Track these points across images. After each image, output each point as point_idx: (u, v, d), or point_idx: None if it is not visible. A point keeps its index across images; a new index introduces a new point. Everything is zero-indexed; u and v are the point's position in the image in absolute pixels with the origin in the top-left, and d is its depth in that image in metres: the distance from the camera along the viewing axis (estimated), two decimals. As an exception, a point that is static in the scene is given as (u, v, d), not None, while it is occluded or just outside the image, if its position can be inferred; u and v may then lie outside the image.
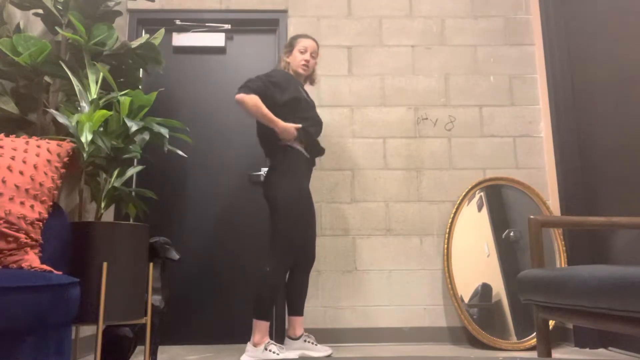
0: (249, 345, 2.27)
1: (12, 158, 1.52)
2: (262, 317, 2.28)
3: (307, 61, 2.56)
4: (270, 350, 2.23)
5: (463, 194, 2.89)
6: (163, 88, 3.14)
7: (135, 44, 2.32)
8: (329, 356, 2.41)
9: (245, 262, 2.94)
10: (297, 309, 2.49)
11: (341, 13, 3.18)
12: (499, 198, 2.89)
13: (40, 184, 1.54)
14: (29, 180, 1.51)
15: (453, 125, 3.07)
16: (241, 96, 2.35)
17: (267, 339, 2.27)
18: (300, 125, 2.40)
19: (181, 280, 2.90)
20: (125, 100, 2.06)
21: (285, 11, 3.17)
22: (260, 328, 2.27)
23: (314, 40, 2.60)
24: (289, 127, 2.37)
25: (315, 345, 2.44)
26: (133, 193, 2.51)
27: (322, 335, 2.78)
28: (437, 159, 3.02)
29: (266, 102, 2.38)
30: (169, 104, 3.12)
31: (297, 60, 2.56)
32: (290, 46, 2.59)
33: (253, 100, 2.34)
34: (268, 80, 2.42)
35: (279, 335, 2.79)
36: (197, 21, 3.17)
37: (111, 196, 2.15)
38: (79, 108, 2.16)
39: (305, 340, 2.44)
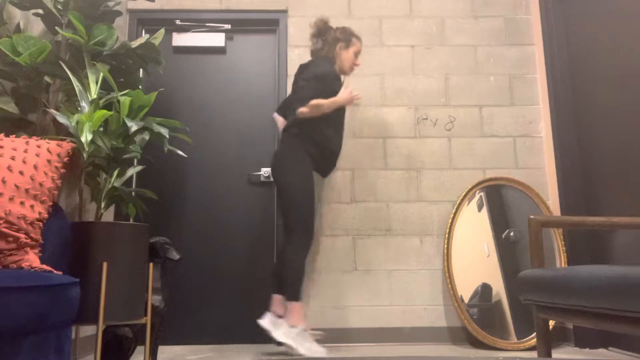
0: (285, 325, 2.28)
1: (12, 158, 1.52)
2: (294, 298, 2.30)
3: (357, 65, 2.65)
4: (304, 336, 2.26)
5: (463, 194, 2.89)
6: (163, 88, 3.14)
7: (135, 44, 2.32)
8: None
9: (245, 262, 2.94)
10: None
11: (341, 13, 3.18)
12: (499, 198, 2.89)
13: (40, 184, 1.54)
14: (29, 180, 1.51)
15: (453, 125, 3.07)
16: (302, 111, 2.39)
17: (303, 323, 2.29)
18: (353, 93, 2.47)
19: (181, 280, 2.90)
20: (125, 100, 2.06)
21: (285, 11, 3.17)
22: (295, 310, 2.29)
23: (361, 42, 2.68)
24: (346, 96, 2.44)
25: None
26: (133, 193, 2.51)
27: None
28: (437, 159, 3.02)
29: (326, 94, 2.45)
30: (169, 104, 3.12)
31: (350, 60, 2.62)
32: (348, 41, 2.62)
33: (311, 105, 2.38)
34: (319, 76, 2.45)
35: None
36: (197, 21, 3.17)
37: (111, 196, 2.15)
38: (79, 108, 2.16)
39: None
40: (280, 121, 2.74)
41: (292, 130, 2.48)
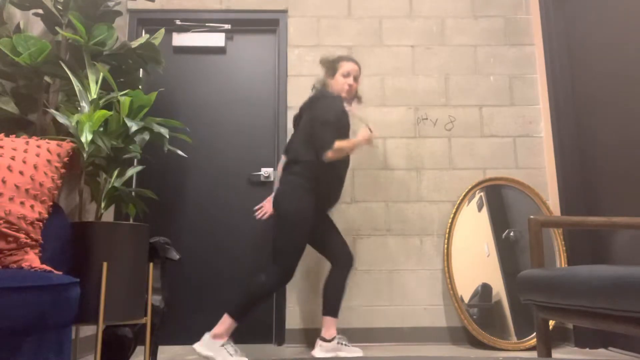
0: (207, 336, 2.22)
1: (12, 158, 1.52)
2: (234, 316, 2.22)
3: (350, 85, 2.52)
4: (225, 350, 2.19)
5: (463, 194, 2.89)
6: (163, 88, 3.14)
7: (135, 44, 2.32)
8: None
9: (245, 262, 2.94)
10: (329, 309, 2.39)
11: (341, 13, 3.18)
12: (499, 198, 2.89)
13: (40, 184, 1.54)
14: (29, 180, 1.51)
15: (453, 125, 3.07)
16: (328, 156, 2.32)
17: (227, 338, 2.22)
18: (367, 132, 2.40)
19: (181, 280, 2.90)
20: (125, 100, 2.06)
21: (285, 11, 3.17)
22: (226, 324, 2.22)
23: (355, 62, 2.55)
24: (366, 136, 2.38)
25: (347, 346, 2.37)
26: (133, 193, 2.51)
27: (322, 335, 2.78)
28: (437, 159, 3.02)
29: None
30: (169, 104, 3.12)
31: (339, 84, 2.51)
32: (332, 69, 2.54)
33: (335, 149, 2.31)
34: (334, 114, 2.39)
35: (279, 336, 2.79)
36: (197, 21, 3.17)
37: (111, 196, 2.15)
38: (79, 108, 2.16)
39: (338, 342, 2.36)
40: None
41: (292, 168, 2.40)
